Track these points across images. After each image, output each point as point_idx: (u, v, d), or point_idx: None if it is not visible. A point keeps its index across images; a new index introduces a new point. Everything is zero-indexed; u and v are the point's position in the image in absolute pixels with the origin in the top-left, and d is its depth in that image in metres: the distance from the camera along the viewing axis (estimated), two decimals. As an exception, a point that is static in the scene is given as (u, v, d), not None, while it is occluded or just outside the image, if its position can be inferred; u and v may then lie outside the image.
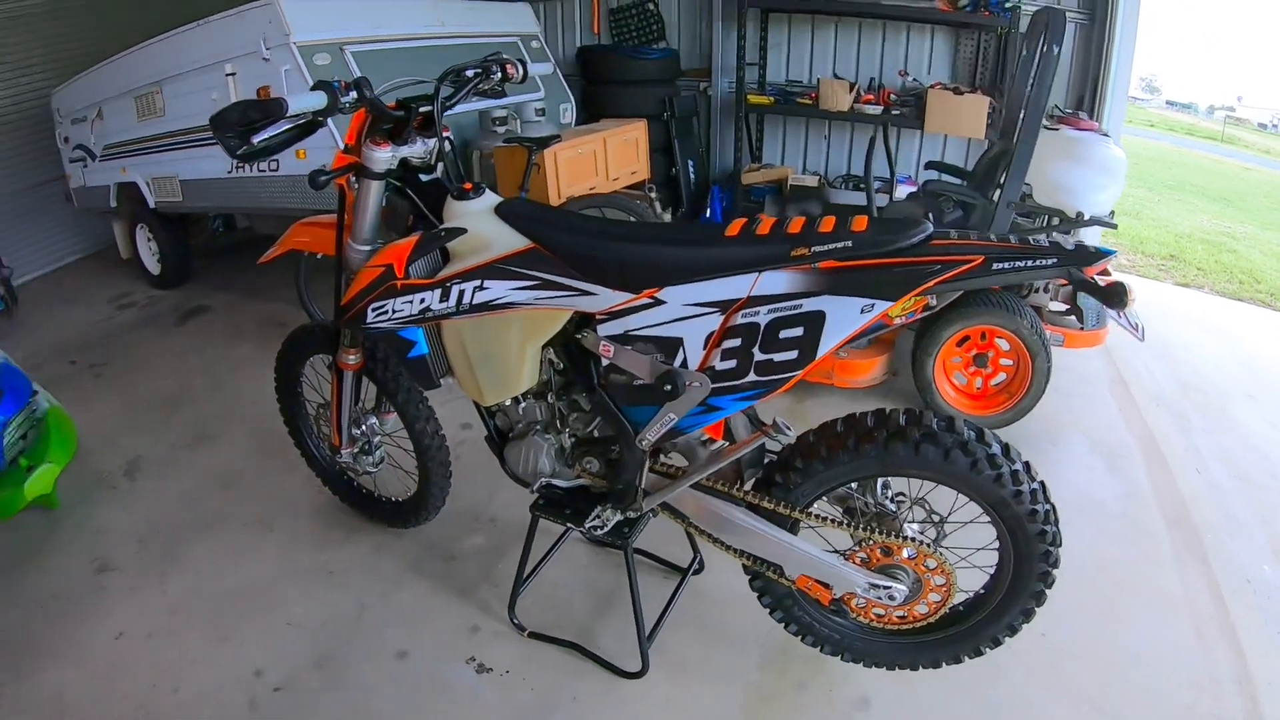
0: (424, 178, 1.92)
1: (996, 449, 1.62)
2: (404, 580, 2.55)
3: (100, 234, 6.41)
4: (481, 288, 1.71)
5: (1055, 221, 3.53)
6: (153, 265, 5.54)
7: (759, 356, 1.56)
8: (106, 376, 4.33)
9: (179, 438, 3.51)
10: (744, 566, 1.95)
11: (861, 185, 5.23)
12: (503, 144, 3.94)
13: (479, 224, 1.74)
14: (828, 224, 1.48)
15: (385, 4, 4.19)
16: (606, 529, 1.98)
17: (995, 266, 1.38)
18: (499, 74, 2.04)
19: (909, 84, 5.26)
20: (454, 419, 2.92)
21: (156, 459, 3.36)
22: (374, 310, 1.85)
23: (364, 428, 2.50)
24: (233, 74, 3.83)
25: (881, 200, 4.89)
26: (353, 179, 1.90)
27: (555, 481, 2.03)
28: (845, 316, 1.48)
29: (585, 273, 1.64)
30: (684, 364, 1.63)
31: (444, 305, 1.76)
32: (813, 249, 1.45)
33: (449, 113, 1.91)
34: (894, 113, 5.10)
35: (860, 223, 1.46)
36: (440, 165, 1.95)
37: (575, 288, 1.65)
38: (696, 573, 2.46)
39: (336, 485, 2.80)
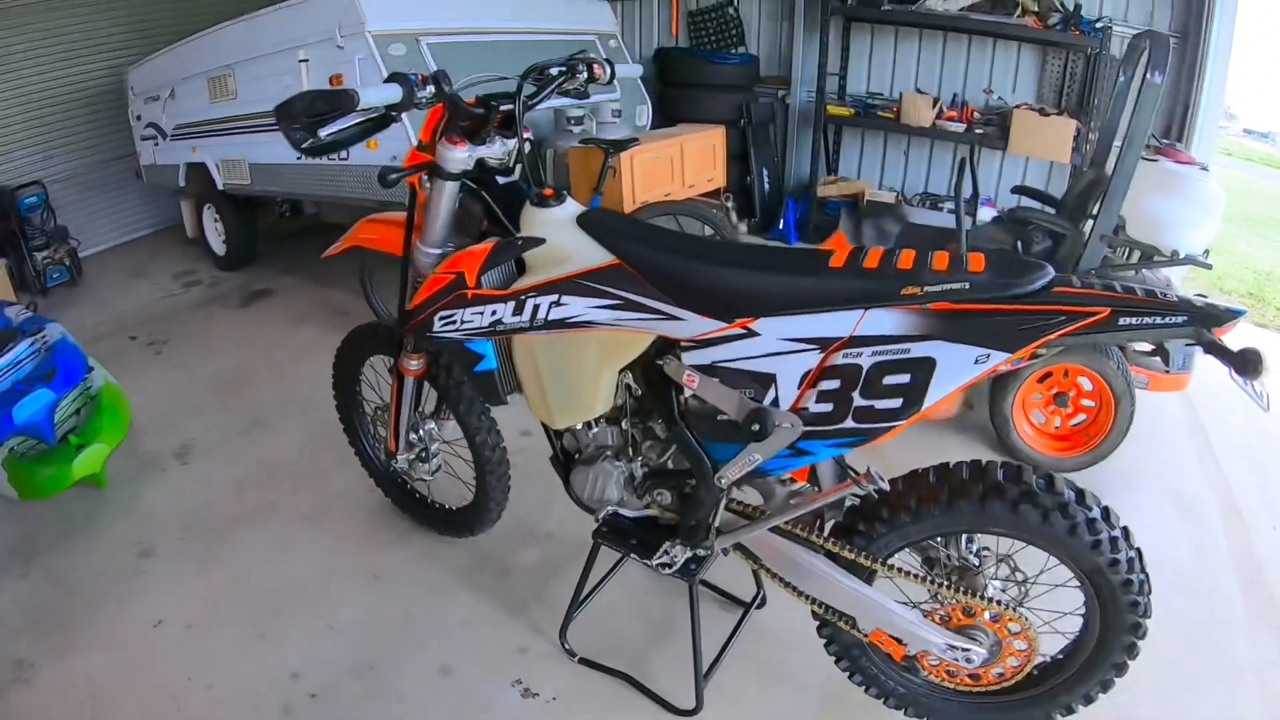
0: (501, 180, 1.83)
1: (1097, 513, 1.48)
2: (453, 591, 2.46)
3: (168, 211, 6.50)
4: (559, 303, 1.61)
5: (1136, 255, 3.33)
6: (218, 246, 5.58)
7: (859, 402, 1.42)
8: (166, 354, 4.35)
9: (233, 423, 3.48)
10: (813, 612, 1.82)
11: (940, 204, 5.07)
12: (579, 144, 3.85)
13: (559, 235, 1.64)
14: (941, 260, 1.35)
15: (463, -1, 4.15)
16: (674, 568, 1.86)
17: (1122, 322, 1.25)
18: (585, 74, 1.94)
19: (993, 102, 5.07)
20: (513, 424, 2.81)
21: (209, 443, 3.34)
22: (441, 319, 1.77)
23: (422, 433, 2.41)
24: (305, 61, 3.80)
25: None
26: (425, 178, 1.81)
27: (622, 511, 1.92)
28: (957, 366, 1.34)
29: (673, 295, 1.52)
30: (775, 402, 1.50)
31: (517, 319, 1.66)
32: (925, 288, 1.32)
33: (529, 113, 1.81)
34: (977, 131, 4.91)
35: (977, 261, 1.33)
36: (519, 168, 1.87)
37: (661, 311, 1.54)
38: (759, 607, 2.33)
39: (389, 487, 2.73)
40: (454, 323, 1.75)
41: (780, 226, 5.43)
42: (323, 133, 1.54)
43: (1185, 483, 3.22)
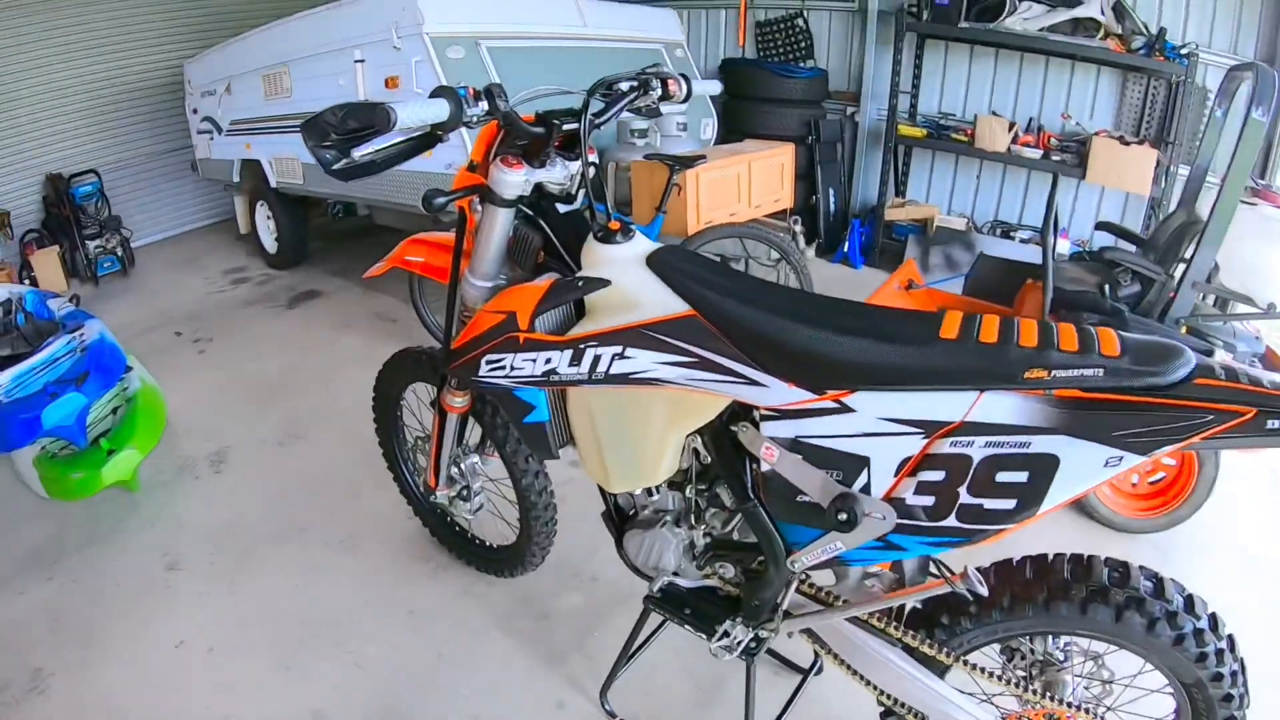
0: (561, 208, 1.67)
1: (1204, 622, 1.30)
2: (489, 635, 2.31)
3: (221, 206, 6.53)
4: (622, 356, 1.42)
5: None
6: (269, 243, 5.54)
7: (965, 499, 1.22)
8: (209, 353, 4.30)
9: (271, 432, 3.39)
10: (879, 701, 1.63)
11: (1012, 233, 4.82)
12: (642, 159, 3.67)
13: (626, 276, 1.46)
14: (1069, 337, 1.15)
15: (526, 1, 4.00)
16: (735, 652, 1.67)
17: (1269, 425, 1.05)
18: (659, 91, 1.78)
19: (1070, 128, 4.80)
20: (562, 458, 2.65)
21: (245, 452, 3.25)
22: (489, 363, 1.59)
23: (464, 468, 2.25)
24: (361, 61, 3.69)
25: (1033, 252, 4.47)
26: (476, 202, 1.66)
27: (678, 580, 1.75)
28: (1084, 467, 1.14)
29: (756, 357, 1.33)
30: (865, 489, 1.30)
31: (574, 370, 1.48)
32: (1053, 372, 1.12)
33: (594, 131, 1.66)
34: (1053, 158, 4.66)
35: (1110, 342, 1.12)
36: (582, 195, 1.70)
37: (740, 374, 1.34)
38: (817, 674, 2.13)
39: (428, 517, 2.58)
40: (503, 368, 1.57)
41: (845, 250, 5.22)
42: (357, 153, 1.38)
43: (1268, 549, 2.95)
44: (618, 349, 1.42)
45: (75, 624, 2.34)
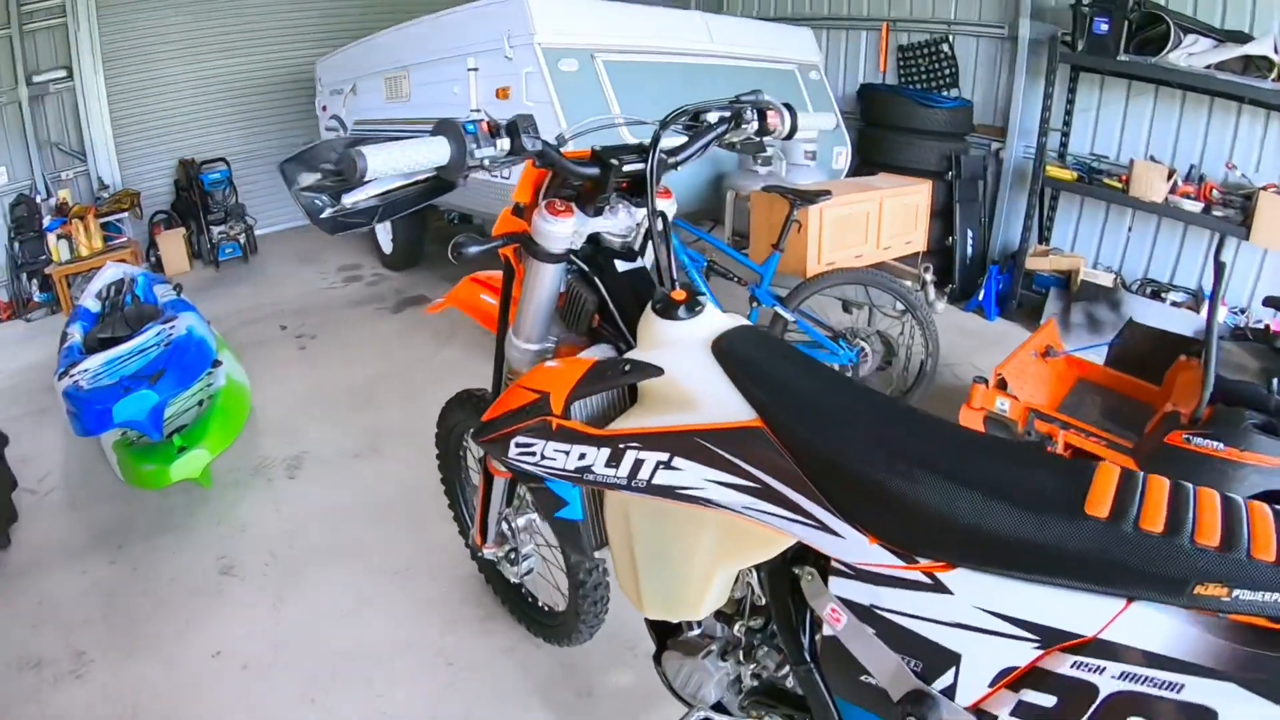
0: (621, 265, 1.42)
1: None
2: (527, 703, 2.10)
3: (344, 202, 6.65)
4: (669, 465, 1.14)
5: None
6: (386, 244, 5.56)
7: None
8: (309, 350, 4.32)
9: (351, 442, 3.32)
10: None
11: (1164, 294, 4.29)
12: (763, 189, 3.36)
13: (684, 363, 1.18)
14: (1264, 537, 0.79)
15: (648, 11, 3.77)
16: None
17: None
18: (754, 123, 1.53)
19: (1234, 179, 4.21)
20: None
21: (321, 460, 3.20)
22: (519, 446, 1.35)
23: (514, 527, 1.99)
24: (474, 69, 3.56)
25: (1186, 320, 3.95)
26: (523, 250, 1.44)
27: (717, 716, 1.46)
28: None
29: (832, 494, 1.02)
30: (949, 691, 0.97)
31: (610, 472, 1.22)
32: (1236, 592, 0.77)
33: (671, 171, 1.42)
34: (1215, 212, 4.08)
35: None
36: (649, 252, 1.46)
37: (810, 514, 1.03)
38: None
39: (484, 563, 2.39)
40: (533, 455, 1.33)
41: (980, 298, 4.76)
42: (349, 199, 1.20)
43: None
44: (664, 456, 1.15)
45: (125, 612, 2.38)
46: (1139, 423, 2.65)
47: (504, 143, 1.23)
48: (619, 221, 1.42)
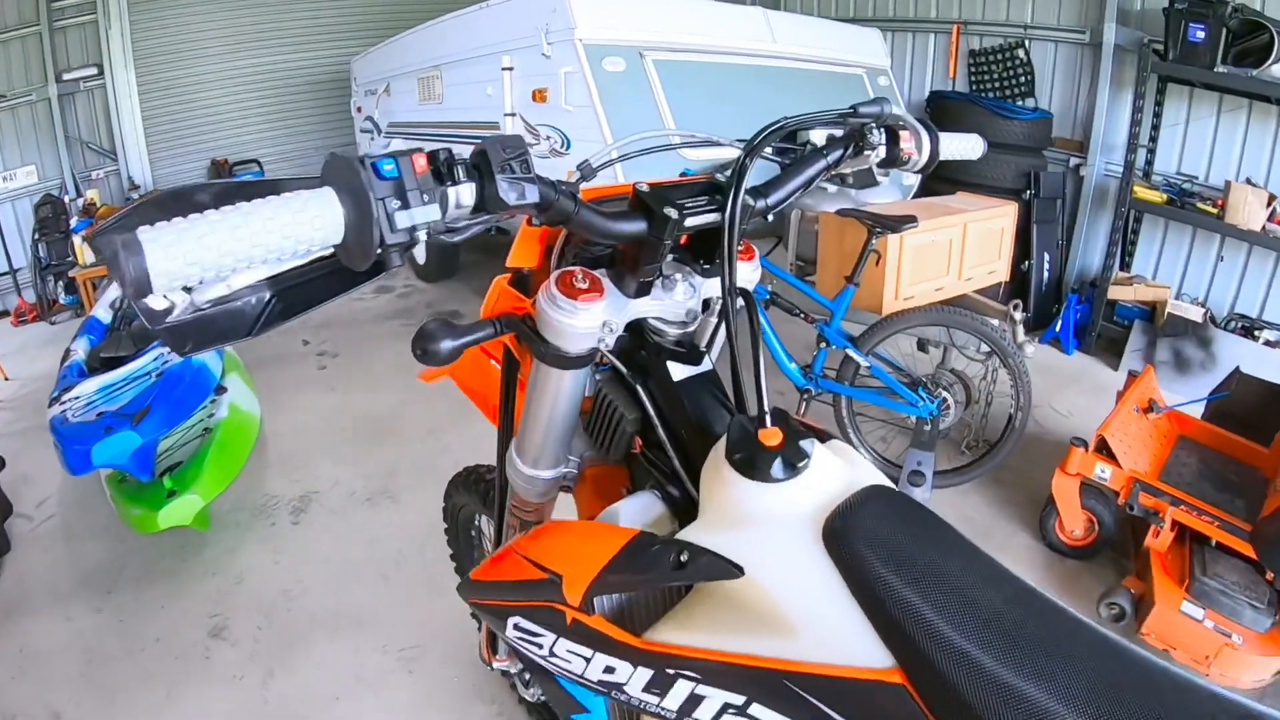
0: (678, 370, 0.97)
1: None
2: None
3: (379, 208, 6.56)
4: (743, 713, 0.75)
5: None
6: (420, 253, 5.27)
7: None
8: (329, 370, 4.08)
9: (364, 483, 3.02)
10: None
11: (1256, 332, 3.84)
12: (835, 212, 2.92)
13: (779, 561, 0.75)
14: None
15: (704, 5, 3.42)
16: None
17: None
18: (882, 148, 1.09)
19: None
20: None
21: (330, 504, 2.91)
22: (520, 630, 0.93)
23: None
24: (509, 69, 3.24)
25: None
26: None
27: None
28: None
29: None
30: None
31: (653, 700, 0.81)
32: None
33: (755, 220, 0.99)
34: (1317, 245, 3.64)
35: None
36: (718, 342, 1.04)
37: None
38: None
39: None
40: (538, 647, 0.91)
41: (1057, 329, 4.31)
42: (201, 296, 0.75)
43: None
44: (737, 699, 0.75)
45: (105, 672, 2.18)
46: (1247, 491, 2.36)
47: (462, 194, 0.74)
48: (675, 302, 0.96)
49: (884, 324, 2.80)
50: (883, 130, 1.09)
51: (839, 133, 1.08)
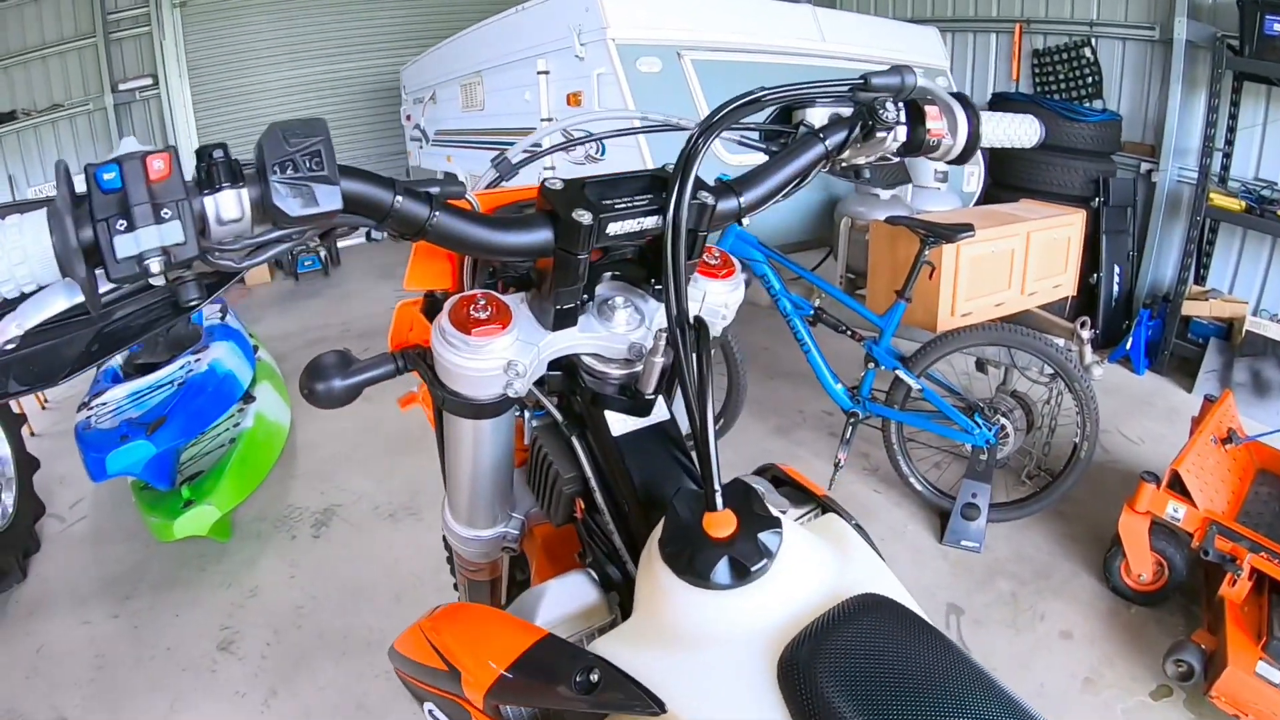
0: (620, 425, 0.78)
1: None
2: None
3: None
4: None
5: None
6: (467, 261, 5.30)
7: None
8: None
9: (387, 499, 2.95)
10: None
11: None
12: (885, 220, 2.72)
13: (716, 703, 0.58)
14: None
15: (747, 4, 3.26)
16: None
17: None
18: (901, 128, 0.87)
19: None
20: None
21: (351, 518, 2.85)
22: (433, 715, 0.80)
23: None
24: (544, 73, 3.13)
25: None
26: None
27: None
28: None
29: None
30: None
31: None
32: None
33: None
34: None
35: None
36: (688, 382, 0.72)
37: None
38: None
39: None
40: None
41: (1127, 347, 4.02)
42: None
43: None
44: None
45: (114, 679, 2.18)
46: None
47: (224, 205, 0.57)
48: (613, 334, 0.77)
49: (938, 343, 2.57)
50: (902, 107, 0.86)
51: (847, 111, 0.86)
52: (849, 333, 2.72)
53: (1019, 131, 0.99)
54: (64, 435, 3.49)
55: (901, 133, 0.87)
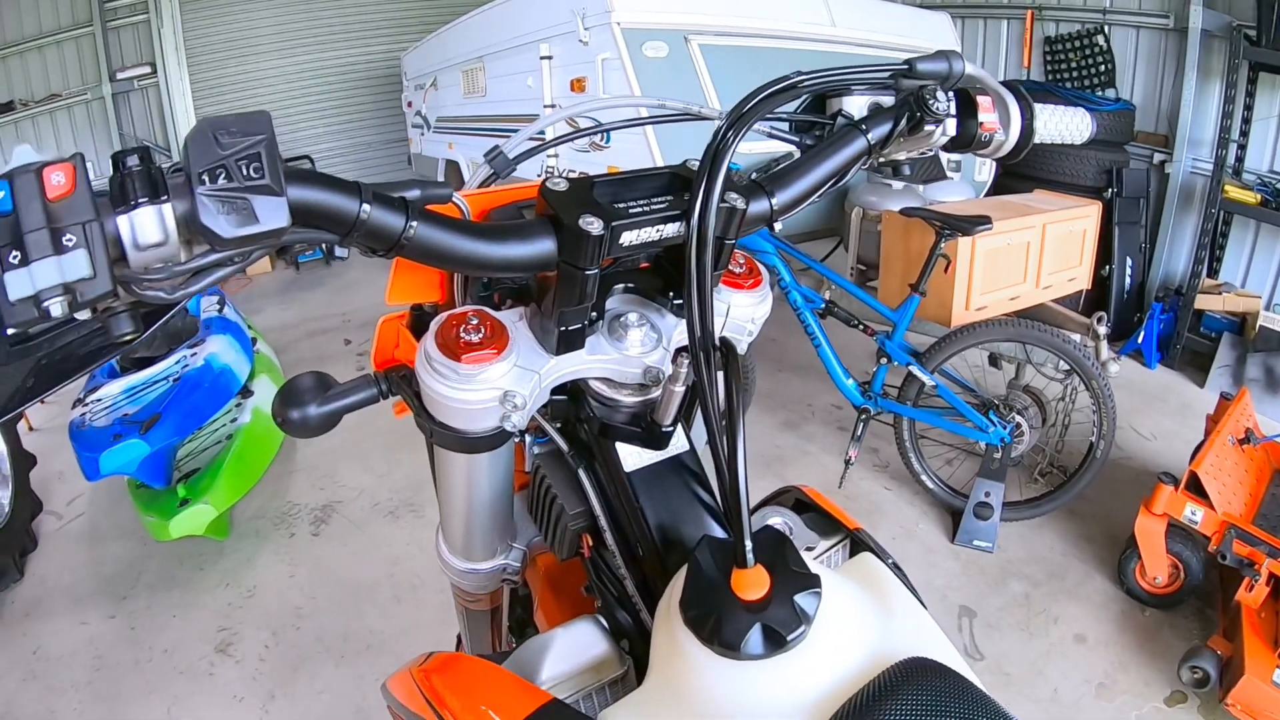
0: (634, 459, 0.70)
1: None
2: None
3: (435, 202, 6.69)
4: None
5: None
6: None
7: None
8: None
9: (388, 495, 2.91)
10: None
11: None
12: (899, 211, 2.64)
13: None
14: None
15: (755, -13, 3.17)
16: None
17: None
18: (951, 120, 0.78)
19: None
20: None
21: (352, 515, 2.81)
22: None
23: None
24: (548, 58, 3.06)
25: None
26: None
27: None
28: None
29: None
30: None
31: None
32: None
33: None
34: None
35: None
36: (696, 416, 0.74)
37: None
38: None
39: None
40: None
41: (1139, 340, 3.96)
42: None
43: None
44: None
45: (111, 682, 2.15)
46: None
47: (141, 225, 0.45)
48: (626, 357, 0.67)
49: (952, 338, 2.51)
50: (952, 97, 0.77)
51: (888, 100, 0.77)
52: (860, 326, 2.66)
53: (1071, 126, 0.91)
54: (62, 430, 3.44)
55: (951, 126, 0.78)
